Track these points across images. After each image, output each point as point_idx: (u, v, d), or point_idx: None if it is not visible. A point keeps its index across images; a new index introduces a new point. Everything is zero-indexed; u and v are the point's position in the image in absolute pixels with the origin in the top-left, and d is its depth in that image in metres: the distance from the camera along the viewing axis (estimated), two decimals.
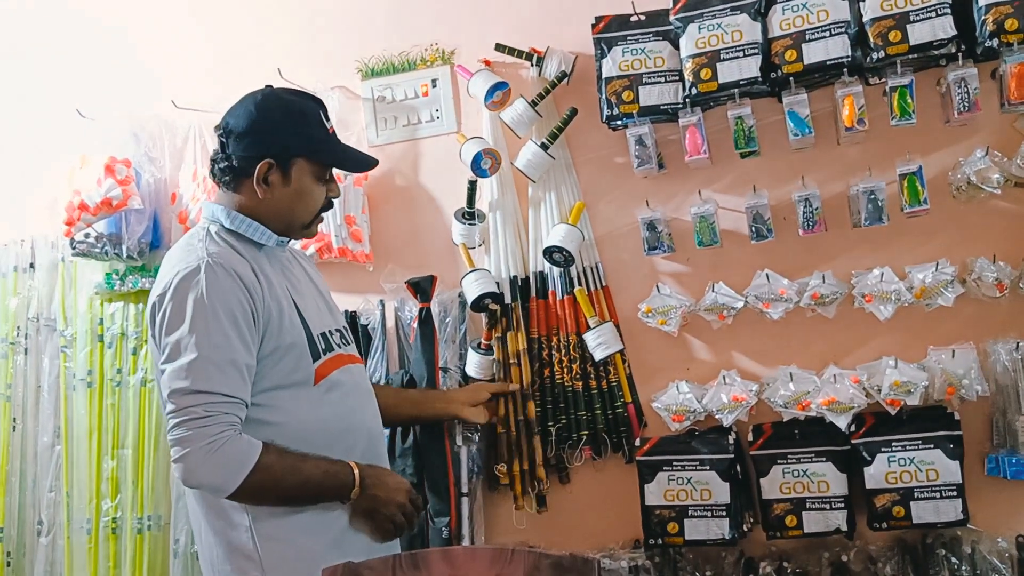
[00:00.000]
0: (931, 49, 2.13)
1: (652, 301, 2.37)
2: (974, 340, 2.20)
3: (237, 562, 1.80)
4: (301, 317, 1.89)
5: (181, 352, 1.73)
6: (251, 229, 1.90)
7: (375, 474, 1.89)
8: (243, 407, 1.76)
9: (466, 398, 2.36)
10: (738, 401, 2.26)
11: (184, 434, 1.70)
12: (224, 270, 1.78)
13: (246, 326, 1.77)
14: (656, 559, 2.35)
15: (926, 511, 2.13)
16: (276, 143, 1.88)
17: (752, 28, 2.25)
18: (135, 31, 2.94)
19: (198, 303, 1.75)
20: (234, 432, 1.73)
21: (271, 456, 1.75)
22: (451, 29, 2.64)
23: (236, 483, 1.71)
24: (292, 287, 1.93)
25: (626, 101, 2.34)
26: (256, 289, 1.81)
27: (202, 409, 1.70)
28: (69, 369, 2.83)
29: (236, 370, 1.75)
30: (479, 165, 2.44)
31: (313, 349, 1.88)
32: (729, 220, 2.37)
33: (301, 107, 1.93)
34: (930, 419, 2.18)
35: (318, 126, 1.93)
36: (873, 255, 2.27)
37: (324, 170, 1.95)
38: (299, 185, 1.91)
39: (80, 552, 2.74)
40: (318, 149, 1.92)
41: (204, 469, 1.70)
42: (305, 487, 1.80)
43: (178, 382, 1.72)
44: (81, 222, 2.66)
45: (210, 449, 1.69)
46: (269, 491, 1.77)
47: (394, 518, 1.90)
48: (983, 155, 2.15)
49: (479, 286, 2.42)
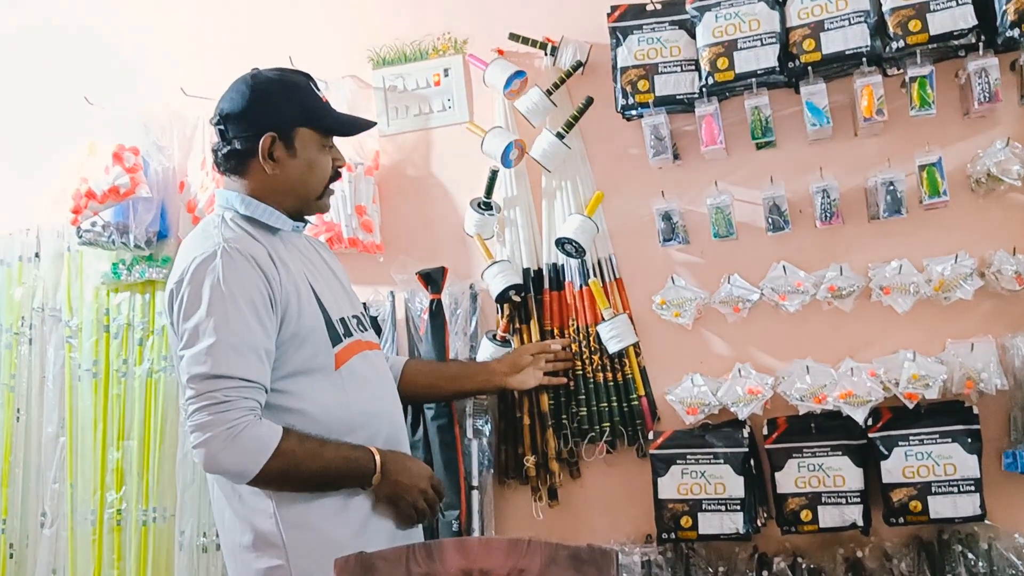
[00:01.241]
0: (951, 39, 2.11)
1: (666, 293, 2.35)
2: (993, 334, 2.17)
3: (261, 549, 1.79)
4: (319, 301, 1.87)
5: (199, 337, 1.72)
6: (266, 214, 1.89)
7: (397, 460, 1.88)
8: (263, 392, 1.75)
9: (507, 368, 2.31)
10: (753, 394, 2.24)
11: (204, 419, 1.69)
12: (241, 255, 1.77)
13: (264, 310, 1.76)
14: (669, 554, 2.32)
15: (943, 506, 2.10)
16: (276, 117, 1.88)
17: (770, 17, 2.23)
18: (146, 18, 2.93)
19: (215, 288, 1.74)
20: (254, 417, 1.71)
21: (292, 441, 1.74)
22: (463, 18, 2.63)
23: (257, 468, 1.70)
24: (309, 272, 1.92)
25: (641, 91, 2.32)
26: (273, 273, 1.80)
27: (222, 394, 1.69)
28: (74, 360, 2.81)
29: (255, 354, 1.73)
30: (508, 156, 2.42)
31: (332, 333, 1.86)
32: (745, 212, 2.34)
33: (292, 79, 1.94)
34: (948, 413, 2.15)
35: (312, 95, 1.93)
36: (891, 248, 2.24)
37: (326, 138, 1.94)
38: (305, 155, 1.90)
39: (84, 544, 2.72)
40: (317, 116, 1.91)
41: (225, 454, 1.68)
42: (326, 473, 1.78)
43: (197, 367, 1.71)
44: (88, 210, 2.64)
45: (231, 434, 1.68)
46: (290, 477, 1.75)
47: (416, 504, 1.89)
48: (1003, 147, 2.13)
49: (504, 278, 2.40)
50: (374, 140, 2.66)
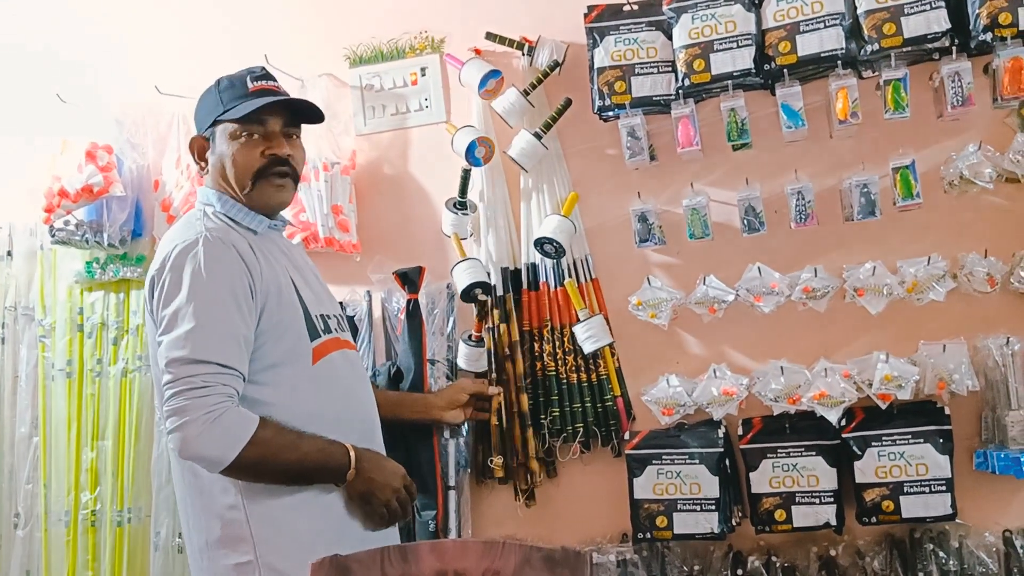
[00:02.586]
0: (925, 42, 2.12)
1: (643, 294, 2.35)
2: (965, 335, 2.19)
3: (229, 544, 1.78)
4: (299, 296, 1.88)
5: (179, 322, 1.72)
6: (240, 213, 1.90)
7: (371, 458, 1.88)
8: (240, 379, 1.74)
9: (444, 402, 2.33)
10: (728, 395, 2.25)
11: (182, 403, 1.67)
12: (222, 244, 1.78)
13: (244, 299, 1.76)
14: (644, 553, 2.34)
15: (915, 505, 2.12)
16: (202, 118, 1.95)
17: (746, 19, 2.23)
18: (119, 15, 2.89)
19: (196, 275, 1.74)
20: (232, 403, 1.71)
21: (268, 430, 1.73)
22: (441, 17, 2.62)
23: (232, 455, 1.69)
24: (290, 267, 1.93)
25: (618, 92, 2.32)
26: (254, 264, 1.81)
27: (200, 379, 1.68)
28: (48, 359, 2.78)
29: (234, 341, 1.73)
30: (473, 154, 2.42)
31: (311, 328, 1.87)
32: (721, 213, 2.35)
33: (228, 77, 1.95)
34: (920, 414, 2.17)
35: (235, 86, 1.92)
36: (865, 249, 2.26)
37: (240, 127, 1.89)
38: (220, 149, 1.92)
39: (58, 545, 2.70)
40: (227, 109, 1.90)
41: (202, 440, 1.67)
42: (301, 464, 1.77)
43: (175, 351, 1.70)
44: (61, 209, 2.61)
45: (208, 419, 1.66)
46: (265, 466, 1.74)
47: (388, 504, 1.89)
48: (976, 150, 2.14)
49: (469, 275, 2.39)
50: (351, 139, 2.65)
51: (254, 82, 1.91)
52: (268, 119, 1.90)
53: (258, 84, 1.91)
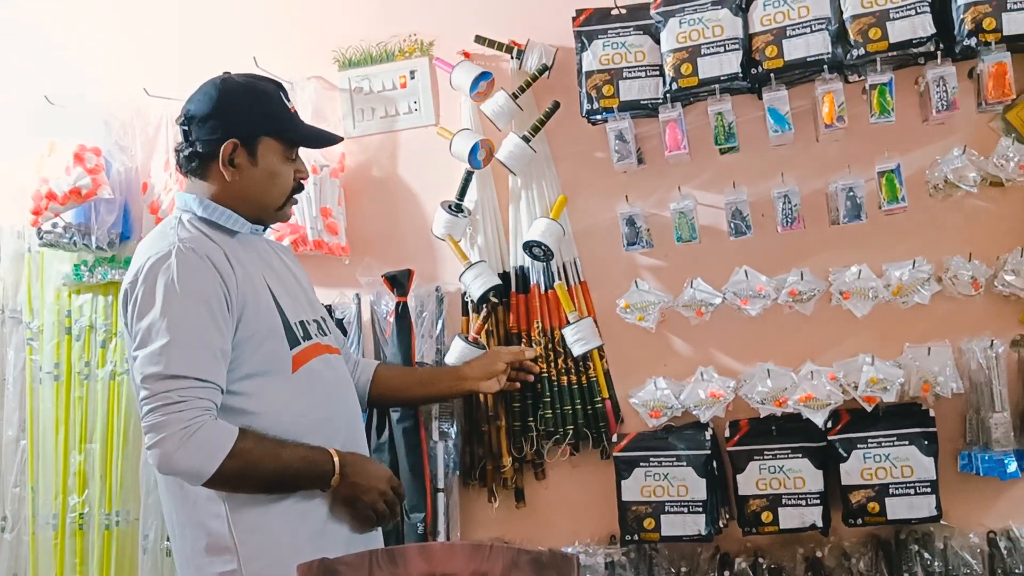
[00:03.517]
0: (910, 47, 2.13)
1: (630, 297, 2.36)
2: (949, 338, 2.20)
3: (215, 553, 1.78)
4: (277, 304, 1.87)
5: (153, 337, 1.71)
6: (224, 216, 1.88)
7: (355, 461, 1.87)
8: (218, 392, 1.74)
9: (480, 372, 2.30)
10: (715, 397, 2.26)
11: (159, 419, 1.67)
12: (196, 255, 1.76)
13: (219, 310, 1.75)
14: (632, 555, 2.35)
15: (901, 507, 2.14)
16: (240, 123, 1.86)
17: (733, 23, 2.24)
18: (107, 17, 2.89)
19: (169, 288, 1.73)
20: (209, 417, 1.70)
21: (248, 441, 1.73)
22: (430, 20, 2.62)
23: (213, 468, 1.68)
24: (268, 275, 1.91)
25: (606, 95, 2.33)
26: (229, 274, 1.79)
27: (176, 394, 1.67)
28: (35, 362, 2.78)
29: (210, 353, 1.72)
30: (475, 156, 2.42)
31: (290, 336, 1.86)
32: (708, 216, 2.36)
33: (262, 87, 1.92)
34: (905, 416, 2.18)
35: (280, 105, 1.91)
36: (851, 252, 2.27)
37: (290, 149, 1.93)
38: (266, 165, 1.89)
39: (45, 549, 2.69)
40: (283, 127, 1.90)
41: (180, 455, 1.66)
42: (284, 473, 1.77)
43: (151, 367, 1.70)
44: (49, 211, 2.60)
45: (186, 434, 1.66)
46: (247, 477, 1.74)
47: (375, 506, 1.88)
48: (960, 154, 2.16)
49: (484, 280, 2.40)
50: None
51: (288, 101, 1.93)
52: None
53: (291, 105, 1.94)
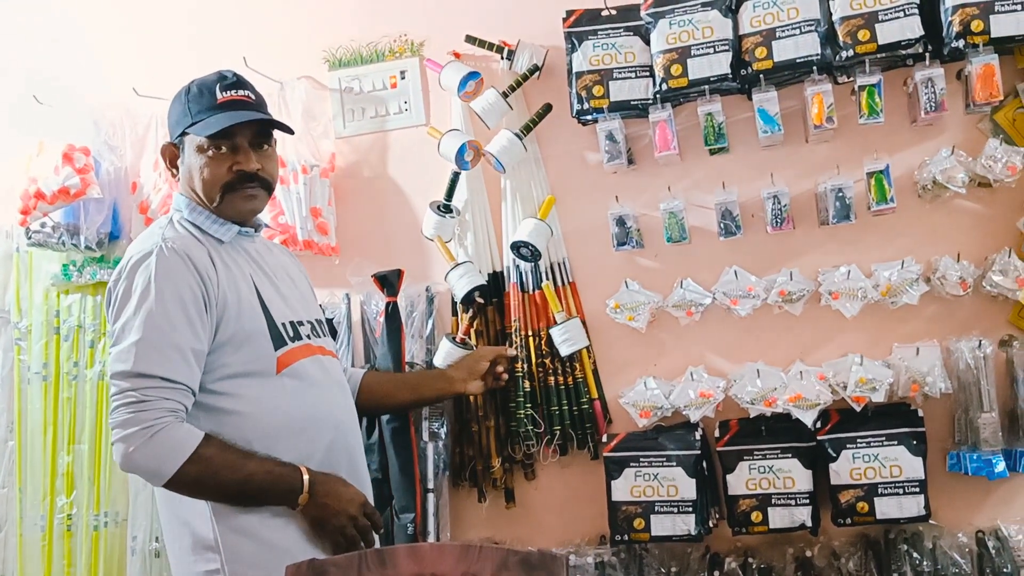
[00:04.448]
0: (899, 49, 2.15)
1: (620, 297, 2.37)
2: (938, 338, 2.21)
3: (200, 552, 1.78)
4: (263, 304, 1.86)
5: (125, 335, 1.72)
6: (207, 222, 1.89)
7: (327, 482, 1.82)
8: (187, 393, 1.73)
9: (465, 374, 2.31)
10: (705, 397, 2.27)
11: (123, 417, 1.68)
12: (177, 255, 1.77)
13: (195, 311, 1.75)
14: (622, 555, 2.35)
15: (889, 507, 2.14)
16: (172, 125, 1.93)
17: (723, 24, 2.25)
18: (96, 17, 2.88)
19: (146, 286, 1.74)
20: (174, 418, 1.70)
21: (211, 448, 1.72)
22: (420, 20, 2.62)
23: (171, 471, 1.68)
24: (257, 275, 1.91)
25: (596, 96, 2.34)
26: (210, 274, 1.79)
27: (140, 393, 1.68)
28: (24, 362, 2.76)
29: (179, 354, 1.72)
30: (463, 157, 2.42)
31: (275, 336, 1.85)
32: (698, 216, 2.37)
33: (198, 84, 1.91)
34: (894, 416, 2.19)
35: (205, 98, 1.88)
36: (840, 253, 2.28)
37: (208, 141, 1.86)
38: (189, 160, 1.90)
39: (33, 550, 2.68)
40: (195, 121, 1.87)
41: (139, 454, 1.67)
42: (246, 485, 1.74)
43: (119, 364, 1.71)
44: (37, 211, 2.59)
45: (146, 434, 1.67)
46: (206, 484, 1.73)
47: (344, 530, 1.83)
48: (948, 155, 2.17)
49: (468, 280, 2.40)
50: (330, 142, 2.65)
51: (223, 92, 1.87)
52: (236, 133, 1.87)
53: (227, 95, 1.86)
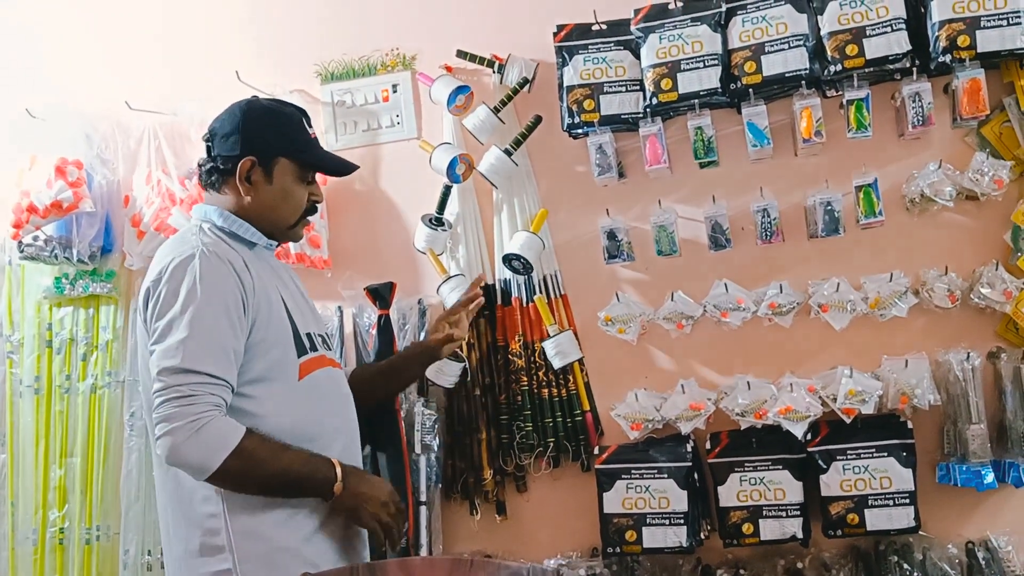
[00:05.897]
0: (887, 63, 2.17)
1: (612, 310, 2.38)
2: (926, 350, 2.23)
3: (209, 553, 1.79)
4: (288, 313, 1.91)
5: (172, 332, 1.75)
6: (243, 228, 1.93)
7: (357, 473, 1.90)
8: (229, 390, 1.77)
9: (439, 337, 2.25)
10: (696, 409, 2.28)
11: (169, 411, 1.71)
12: (219, 259, 1.81)
13: (236, 313, 1.79)
14: (614, 567, 2.35)
15: (879, 518, 2.16)
16: (259, 142, 1.93)
17: (712, 39, 2.27)
18: (90, 31, 2.88)
19: (192, 287, 1.77)
20: (219, 413, 1.73)
21: (254, 440, 1.75)
22: (412, 34, 2.63)
23: (217, 463, 1.71)
24: (280, 287, 1.96)
25: (587, 110, 2.35)
26: (247, 280, 1.84)
27: (188, 388, 1.71)
28: (15, 375, 2.76)
29: (224, 353, 1.76)
30: (454, 170, 2.43)
31: (299, 344, 1.89)
32: (688, 229, 2.38)
33: (285, 111, 1.99)
34: (884, 428, 2.21)
35: (299, 130, 1.97)
36: (829, 266, 2.30)
37: (305, 172, 1.97)
38: (281, 184, 1.94)
39: (25, 563, 2.67)
40: (300, 150, 1.95)
41: (187, 447, 1.70)
42: (286, 475, 1.79)
43: (167, 361, 1.73)
44: (30, 224, 2.59)
45: (193, 427, 1.69)
46: (249, 475, 1.76)
47: (378, 517, 1.88)
48: (936, 168, 2.19)
49: (459, 293, 2.41)
50: None
51: (309, 127, 1.99)
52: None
53: (312, 131, 1.99)
